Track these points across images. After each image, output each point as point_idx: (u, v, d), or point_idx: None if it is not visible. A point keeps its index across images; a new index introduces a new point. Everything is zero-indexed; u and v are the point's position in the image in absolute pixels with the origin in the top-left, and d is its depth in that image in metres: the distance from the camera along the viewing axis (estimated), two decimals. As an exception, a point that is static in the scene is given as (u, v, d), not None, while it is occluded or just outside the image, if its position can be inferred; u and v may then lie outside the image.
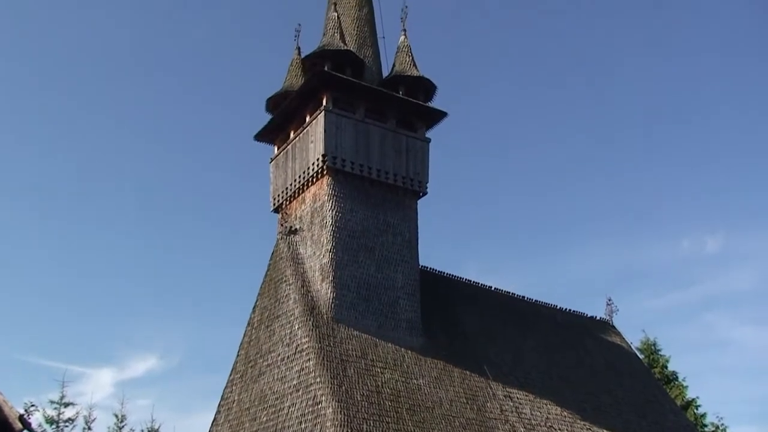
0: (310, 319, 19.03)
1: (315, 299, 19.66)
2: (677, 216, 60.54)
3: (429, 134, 22.78)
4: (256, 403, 19.40)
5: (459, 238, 57.53)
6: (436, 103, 22.91)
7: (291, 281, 20.30)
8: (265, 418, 18.71)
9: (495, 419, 19.60)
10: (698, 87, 61.12)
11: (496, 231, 60.80)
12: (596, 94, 62.03)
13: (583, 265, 58.83)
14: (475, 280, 24.66)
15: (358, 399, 17.51)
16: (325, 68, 21.25)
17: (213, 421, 20.56)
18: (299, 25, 23.93)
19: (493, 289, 25.05)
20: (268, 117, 23.22)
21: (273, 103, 23.22)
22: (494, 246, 60.97)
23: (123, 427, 27.86)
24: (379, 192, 21.48)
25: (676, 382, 34.41)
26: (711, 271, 57.88)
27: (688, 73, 60.85)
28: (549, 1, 61.59)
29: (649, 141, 60.87)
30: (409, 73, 22.65)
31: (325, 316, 19.31)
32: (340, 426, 16.50)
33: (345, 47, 21.92)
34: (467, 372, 20.51)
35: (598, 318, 27.77)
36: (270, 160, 23.49)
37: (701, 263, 58.18)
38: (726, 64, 59.98)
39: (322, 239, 20.40)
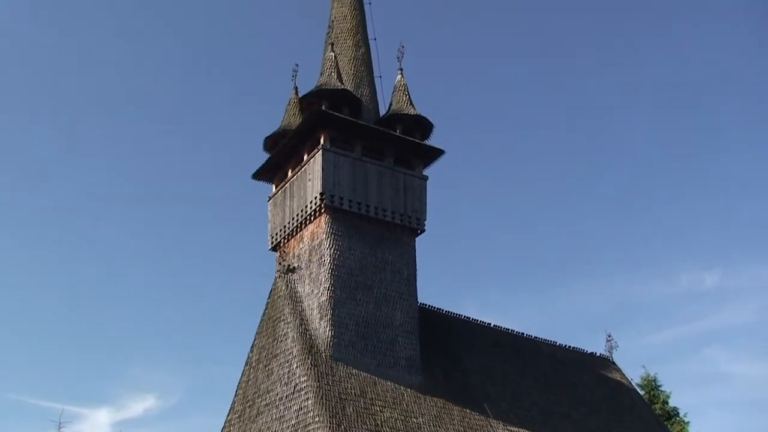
0: (308, 358, 18.95)
1: (313, 338, 19.59)
2: (675, 252, 60.61)
3: (426, 172, 22.92)
4: (254, 444, 19.25)
5: (458, 275, 57.55)
6: (433, 141, 23.11)
7: (289, 320, 20.25)
8: (263, 459, 18.54)
9: (495, 458, 19.42)
10: (693, 126, 61.55)
11: (494, 267, 60.77)
12: (593, 132, 62.46)
13: (582, 301, 58.74)
14: (474, 317, 24.65)
15: (358, 438, 17.38)
16: (323, 107, 21.42)
17: (211, 462, 20.37)
18: (297, 65, 24.20)
19: (492, 326, 24.99)
20: (265, 156, 23.37)
21: (271, 142, 23.36)
22: (493, 283, 60.96)
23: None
24: (377, 230, 21.52)
25: (678, 418, 34.16)
26: (710, 306, 57.80)
27: (683, 115, 61.36)
28: (546, 41, 62.21)
29: (647, 178, 61.19)
30: (406, 112, 22.83)
31: (323, 354, 19.23)
32: (340, 466, 16.34)
33: (342, 86, 22.12)
34: (467, 410, 20.38)
35: (598, 354, 27.66)
36: (268, 199, 23.57)
37: (700, 298, 58.11)
38: (722, 102, 60.50)
39: (320, 277, 20.39)
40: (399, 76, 23.67)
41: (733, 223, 59.85)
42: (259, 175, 23.69)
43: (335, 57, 22.75)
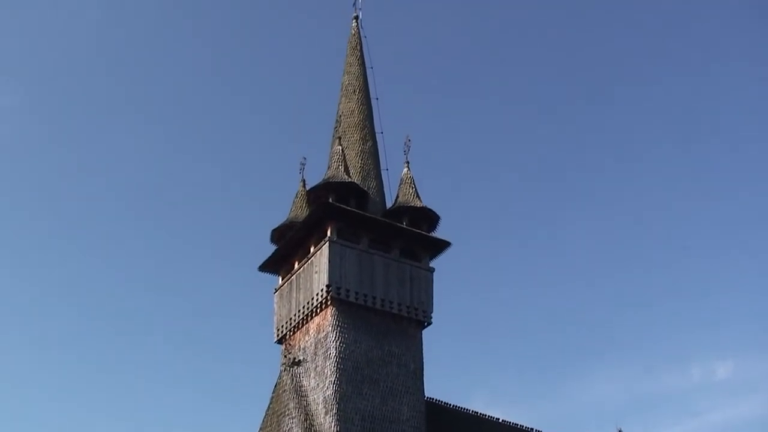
0: (313, 455, 18.53)
1: (318, 433, 19.21)
2: (687, 343, 59.83)
3: (433, 264, 22.91)
4: None
5: (466, 367, 56.57)
6: (439, 233, 23.20)
7: (294, 414, 19.91)
8: None
9: None
10: (703, 217, 61.66)
11: (503, 360, 59.90)
12: (602, 223, 62.51)
13: (592, 393, 57.58)
14: (482, 412, 24.08)
15: None
16: (330, 200, 21.62)
17: None
18: (304, 158, 24.51)
19: (500, 421, 24.43)
20: (272, 248, 23.44)
21: (278, 234, 23.47)
22: (502, 374, 59.91)
23: None
24: (383, 322, 21.39)
25: None
26: (722, 398, 56.63)
27: (694, 204, 61.59)
28: (552, 135, 63.06)
29: (658, 268, 60.92)
30: (413, 204, 23.01)
31: (328, 451, 18.82)
32: None
33: (349, 179, 22.38)
34: None
35: (609, 450, 26.97)
36: (274, 291, 23.53)
37: (712, 390, 57.03)
38: (729, 188, 60.76)
39: (326, 371, 20.15)
40: (405, 169, 23.95)
41: (745, 313, 59.30)
42: (265, 267, 23.71)
43: (342, 150, 23.09)
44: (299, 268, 22.37)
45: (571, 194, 62.97)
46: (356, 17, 26.40)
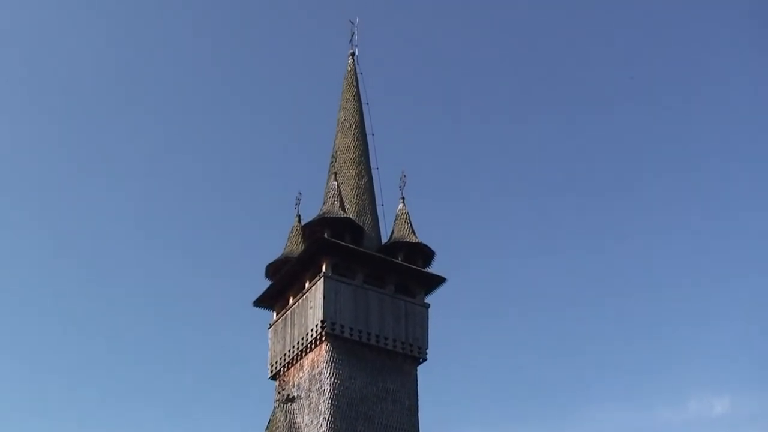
0: (306, 493, 18.32)
1: (312, 471, 19.01)
2: (683, 378, 59.52)
3: (428, 299, 22.86)
4: None
5: (461, 403, 56.14)
6: (434, 269, 23.14)
7: (287, 452, 19.70)
8: None
9: None
10: (699, 252, 61.76)
11: (499, 396, 59.43)
12: (597, 257, 62.47)
13: (589, 429, 57.17)
14: (478, 449, 23.95)
15: None
16: (325, 235, 21.61)
17: None
18: (300, 193, 24.60)
19: (496, 459, 24.29)
20: (267, 283, 23.38)
21: (273, 269, 23.42)
22: (498, 410, 59.42)
23: None
24: (378, 358, 21.29)
25: None
26: (719, 434, 56.18)
27: (688, 239, 61.67)
28: (546, 170, 63.28)
29: (654, 304, 60.76)
30: (408, 240, 23.00)
31: (322, 489, 18.61)
32: None
33: (344, 215, 22.40)
34: None
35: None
36: (268, 326, 23.42)
37: (709, 426, 56.61)
38: (729, 218, 60.89)
39: (320, 408, 19.99)
40: (401, 205, 23.99)
41: (741, 348, 59.09)
42: (260, 302, 23.63)
43: (338, 186, 23.14)
44: (294, 304, 22.30)
45: (567, 229, 63.02)
46: (352, 54, 26.62)
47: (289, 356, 21.97)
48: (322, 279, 21.11)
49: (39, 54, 59.25)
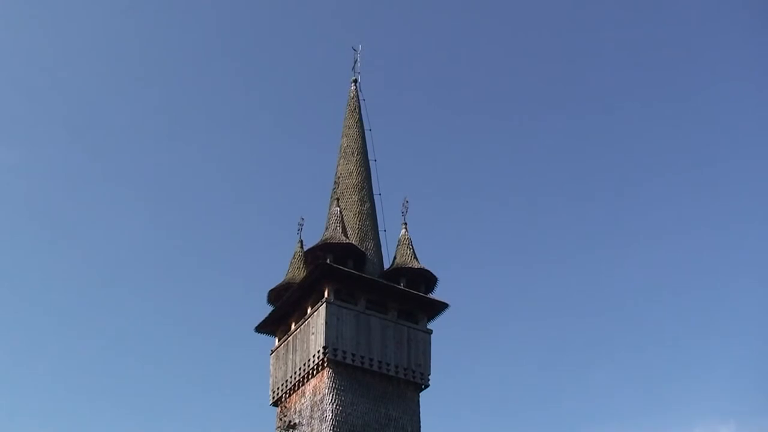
0: None
1: (313, 499, 18.86)
2: (688, 404, 59.13)
3: (431, 325, 22.79)
4: None
5: (464, 429, 55.79)
6: (437, 295, 23.10)
7: (289, 479, 19.55)
8: None
9: None
10: (708, 277, 61.56)
11: (502, 423, 59.03)
12: (599, 270, 62.25)
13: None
14: (481, 478, 23.75)
15: None
16: (327, 261, 21.60)
17: None
18: (302, 219, 24.62)
19: (499, 487, 24.08)
20: (269, 309, 23.34)
21: (274, 295, 23.38)
22: (501, 438, 59.00)
23: None
24: (380, 384, 21.19)
25: None
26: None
27: (698, 259, 61.51)
28: (550, 196, 63.36)
29: (659, 331, 60.56)
30: (410, 265, 22.97)
31: None
32: None
33: (347, 240, 22.40)
34: None
35: None
36: (270, 352, 23.34)
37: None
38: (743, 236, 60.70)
39: (321, 434, 19.85)
40: (403, 231, 23.99)
41: (746, 373, 58.76)
42: (262, 328, 23.58)
43: (341, 211, 23.16)
44: (296, 329, 22.24)
45: (572, 255, 62.94)
46: (355, 80, 26.81)
47: (290, 382, 21.87)
48: (324, 305, 21.06)
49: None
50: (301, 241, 24.11)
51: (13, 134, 59.71)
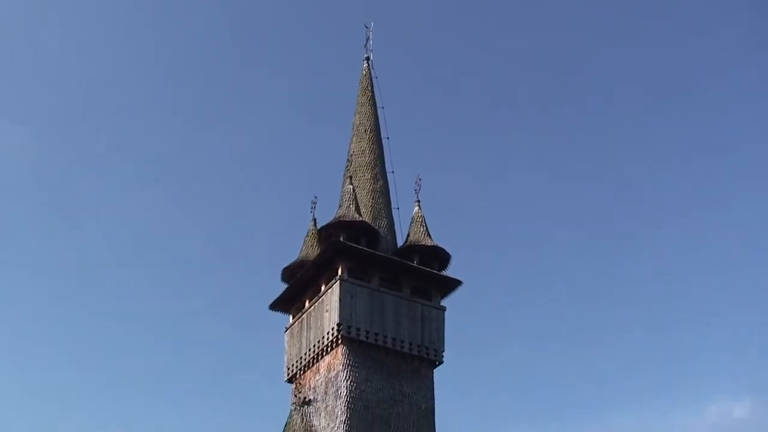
0: (323, 496, 18.36)
1: (329, 474, 19.06)
2: (703, 383, 59.13)
3: (444, 302, 22.86)
4: None
5: (479, 407, 56.03)
6: (451, 272, 23.16)
7: (304, 455, 19.76)
8: None
9: None
10: (722, 256, 61.34)
11: (516, 400, 59.26)
12: (612, 253, 62.12)
13: (607, 434, 56.88)
14: (495, 453, 23.90)
15: None
16: (341, 239, 21.67)
17: None
18: (315, 197, 24.62)
19: (513, 462, 24.24)
20: (283, 286, 23.45)
21: (288, 273, 23.50)
22: (514, 415, 59.19)
23: None
24: (394, 361, 21.31)
25: None
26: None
27: (712, 243, 61.31)
28: (562, 169, 63.08)
29: (672, 307, 60.45)
30: (424, 243, 23.01)
31: (339, 492, 18.65)
32: None
33: (360, 218, 22.45)
34: None
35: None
36: (284, 330, 23.51)
37: (729, 430, 56.18)
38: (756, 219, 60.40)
39: (336, 411, 20.04)
40: (416, 208, 24.01)
41: (762, 351, 58.66)
42: (276, 306, 23.71)
43: (353, 189, 23.20)
44: (310, 307, 22.37)
45: (584, 235, 62.82)
46: (367, 58, 26.70)
47: (305, 359, 22.04)
48: (338, 282, 21.16)
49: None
50: (315, 220, 24.18)
51: (23, 112, 60.14)
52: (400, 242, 23.62)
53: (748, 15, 50.79)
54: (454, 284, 22.86)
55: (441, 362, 22.00)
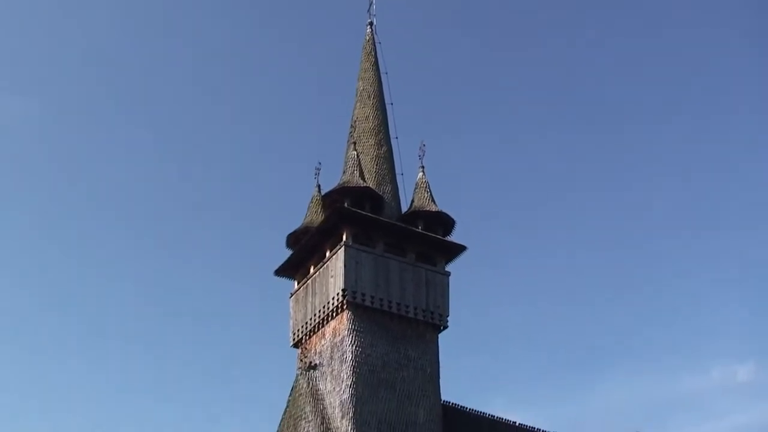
0: (330, 458, 18.59)
1: (335, 437, 19.28)
2: (707, 345, 59.45)
3: (449, 267, 22.94)
4: None
5: (483, 370, 56.50)
6: (455, 237, 23.21)
7: (310, 418, 19.99)
8: None
9: None
10: (725, 223, 61.28)
11: (520, 363, 59.65)
12: (619, 218, 62.15)
13: (611, 397, 57.26)
14: (500, 416, 24.02)
15: None
16: (345, 204, 21.70)
17: None
18: (319, 163, 24.64)
19: (517, 424, 24.35)
20: (288, 252, 23.54)
21: (293, 239, 23.58)
22: (519, 378, 59.66)
23: None
24: (399, 326, 21.45)
25: None
26: (743, 400, 56.23)
27: (715, 211, 61.25)
28: (567, 136, 62.89)
29: (677, 272, 60.61)
30: (428, 209, 23.04)
31: (345, 454, 18.87)
32: None
33: (364, 184, 22.46)
34: None
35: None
36: (290, 295, 23.64)
37: (733, 393, 56.61)
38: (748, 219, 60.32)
39: (342, 375, 20.22)
40: (420, 174, 24.01)
41: (765, 314, 58.90)
42: (281, 272, 23.82)
43: (357, 155, 23.18)
44: (315, 273, 22.47)
45: (588, 198, 62.81)
46: (370, 23, 26.53)
47: (310, 324, 22.19)
48: (343, 248, 21.23)
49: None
50: (319, 186, 24.21)
51: (29, 82, 59.98)
52: (404, 208, 23.66)
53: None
54: (458, 249, 22.93)
55: (446, 327, 22.14)
